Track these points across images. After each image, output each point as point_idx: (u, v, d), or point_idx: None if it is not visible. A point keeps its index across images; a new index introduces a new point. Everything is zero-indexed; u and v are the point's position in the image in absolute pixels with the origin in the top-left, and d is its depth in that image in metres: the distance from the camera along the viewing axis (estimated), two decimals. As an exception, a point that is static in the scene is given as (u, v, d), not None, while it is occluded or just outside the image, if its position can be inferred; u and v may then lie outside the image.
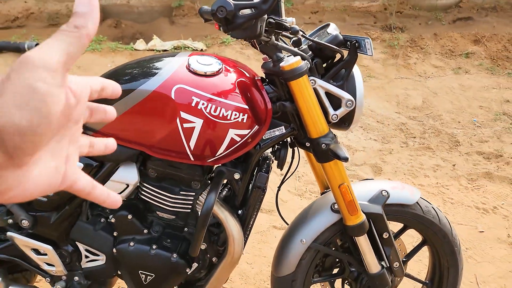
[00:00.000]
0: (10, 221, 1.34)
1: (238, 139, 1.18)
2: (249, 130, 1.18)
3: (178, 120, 1.12)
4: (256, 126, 1.19)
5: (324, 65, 1.26)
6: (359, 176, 2.73)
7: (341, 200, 1.32)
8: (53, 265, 1.38)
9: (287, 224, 1.56)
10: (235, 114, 1.15)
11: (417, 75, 4.14)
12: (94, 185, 0.41)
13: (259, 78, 1.28)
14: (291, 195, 2.56)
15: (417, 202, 1.47)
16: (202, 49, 4.45)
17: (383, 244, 1.45)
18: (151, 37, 5.07)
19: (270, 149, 1.36)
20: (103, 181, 1.25)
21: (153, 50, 4.53)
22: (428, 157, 2.95)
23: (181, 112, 1.12)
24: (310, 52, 1.26)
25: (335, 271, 1.62)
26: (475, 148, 3.04)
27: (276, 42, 1.17)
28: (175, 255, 1.30)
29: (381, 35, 4.70)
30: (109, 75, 1.24)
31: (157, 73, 1.17)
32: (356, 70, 1.27)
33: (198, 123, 1.13)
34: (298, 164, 1.55)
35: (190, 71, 1.15)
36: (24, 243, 1.35)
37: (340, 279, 1.61)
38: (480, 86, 3.91)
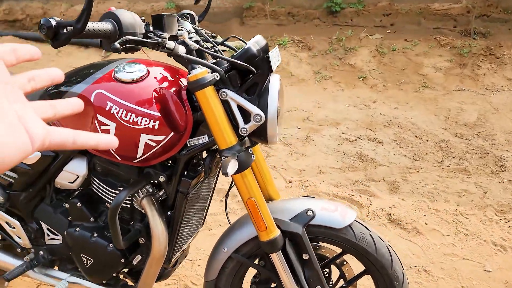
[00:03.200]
0: (-10, 196, 1.58)
1: (153, 144, 1.24)
2: (164, 137, 1.23)
3: (96, 122, 1.23)
4: (172, 133, 1.24)
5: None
6: (370, 193, 2.57)
7: (250, 214, 1.31)
8: (21, 238, 1.60)
9: None
10: (146, 121, 1.21)
11: (483, 87, 3.70)
12: (75, 133, 0.40)
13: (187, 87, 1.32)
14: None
15: (350, 226, 1.39)
16: (258, 51, 4.52)
17: (303, 265, 1.40)
18: (222, 36, 5.31)
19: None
20: (58, 170, 1.42)
21: (213, 49, 4.72)
22: (459, 181, 2.65)
23: (98, 115, 1.22)
24: (227, 64, 1.26)
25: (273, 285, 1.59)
26: (523, 176, 2.65)
27: (180, 53, 1.19)
28: (111, 245, 1.42)
29: (452, 41, 4.28)
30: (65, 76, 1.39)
31: (87, 78, 1.29)
32: (273, 84, 1.24)
33: (112, 126, 1.22)
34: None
35: (113, 77, 1.25)
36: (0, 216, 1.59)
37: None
38: (558, 105, 3.36)
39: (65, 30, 0.94)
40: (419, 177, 2.70)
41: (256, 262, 1.50)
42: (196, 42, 1.31)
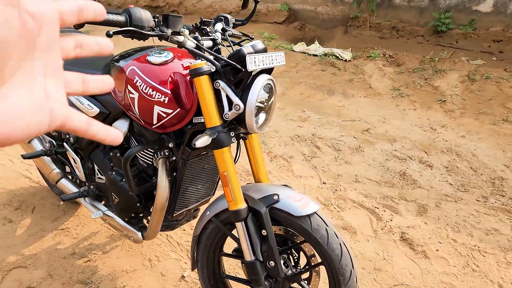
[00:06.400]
0: (67, 136, 2.14)
1: (164, 115, 1.62)
2: (172, 111, 1.60)
3: (127, 90, 1.65)
4: (179, 109, 1.60)
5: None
6: (395, 210, 2.63)
7: (222, 185, 1.60)
8: (79, 172, 2.15)
9: None
10: (158, 95, 1.59)
11: None
12: (90, 123, 0.39)
13: None
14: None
15: (308, 217, 1.58)
16: (346, 59, 4.66)
17: (261, 240, 1.64)
18: (325, 42, 5.54)
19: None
20: (109, 124, 1.89)
21: (306, 53, 4.99)
22: (496, 220, 2.54)
23: (128, 85, 1.64)
24: (223, 61, 1.57)
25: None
26: None
27: (187, 46, 1.54)
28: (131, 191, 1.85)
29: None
30: (122, 53, 1.85)
31: (130, 57, 1.73)
32: (257, 83, 1.51)
33: (135, 95, 1.63)
34: (239, 154, 1.82)
35: (146, 59, 1.65)
36: (69, 152, 2.15)
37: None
38: None
39: None
40: (454, 207, 2.66)
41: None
42: (213, 40, 1.65)
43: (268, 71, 1.58)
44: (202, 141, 1.48)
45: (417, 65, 4.46)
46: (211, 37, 1.66)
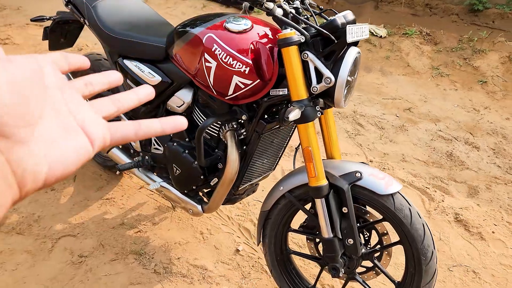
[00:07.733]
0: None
1: (242, 86, 1.54)
2: (251, 82, 1.53)
3: (203, 59, 1.58)
4: (259, 80, 1.53)
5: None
6: (446, 190, 2.59)
7: (305, 161, 1.55)
8: (135, 142, 2.09)
9: None
10: (239, 65, 1.51)
11: None
12: (136, 125, 0.40)
13: None
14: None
15: (391, 196, 1.53)
16: (382, 36, 4.54)
17: (341, 217, 1.59)
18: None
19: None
20: (171, 94, 1.82)
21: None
22: (549, 204, 2.50)
23: (205, 54, 1.56)
24: (315, 31, 1.49)
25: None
26: None
27: (276, 14, 1.46)
28: (195, 163, 1.79)
29: None
30: (190, 20, 1.76)
31: (205, 23, 1.64)
32: (349, 55, 1.44)
33: (213, 64, 1.56)
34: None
35: (224, 26, 1.57)
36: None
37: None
38: None
39: None
40: (506, 189, 2.62)
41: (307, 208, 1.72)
42: (296, 8, 1.57)
43: (355, 43, 1.51)
44: (294, 114, 1.42)
45: (455, 44, 4.35)
46: (294, 6, 1.57)
